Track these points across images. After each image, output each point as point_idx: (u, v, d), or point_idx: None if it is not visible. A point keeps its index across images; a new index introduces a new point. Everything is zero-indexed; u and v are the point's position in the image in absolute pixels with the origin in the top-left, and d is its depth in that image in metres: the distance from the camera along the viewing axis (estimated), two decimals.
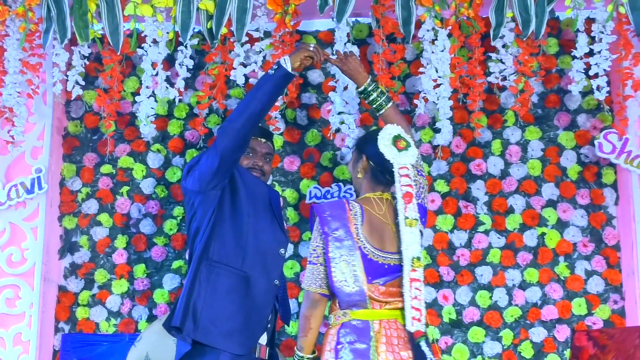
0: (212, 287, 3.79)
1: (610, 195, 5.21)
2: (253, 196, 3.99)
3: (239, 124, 3.82)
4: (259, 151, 4.17)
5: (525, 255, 5.18)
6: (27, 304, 5.09)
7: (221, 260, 3.84)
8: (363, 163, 3.83)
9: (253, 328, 3.81)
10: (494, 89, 5.02)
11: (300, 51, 3.98)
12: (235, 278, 3.82)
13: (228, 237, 3.87)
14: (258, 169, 4.14)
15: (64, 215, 5.40)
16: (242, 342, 3.76)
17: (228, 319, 3.76)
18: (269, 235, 3.96)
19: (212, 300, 3.77)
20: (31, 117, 5.23)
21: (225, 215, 3.89)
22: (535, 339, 5.09)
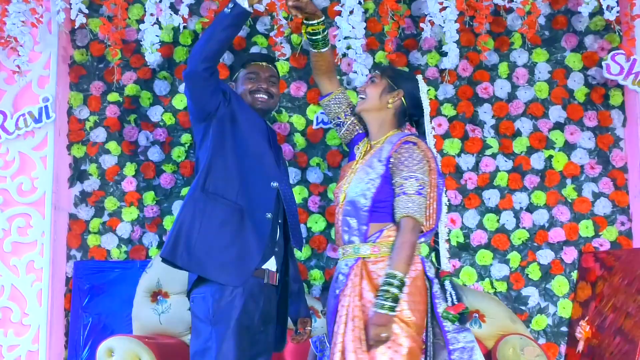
0: (207, 218, 3.78)
1: (617, 117, 5.21)
2: (252, 130, 3.97)
3: (191, 67, 3.81)
4: (262, 74, 4.14)
5: (533, 178, 5.19)
6: (38, 232, 5.15)
7: (217, 192, 3.82)
8: (398, 96, 3.77)
9: (246, 260, 3.81)
10: (501, 11, 4.97)
11: None
12: (229, 210, 3.81)
13: (225, 169, 3.85)
14: (263, 91, 4.12)
15: (73, 143, 5.42)
16: (236, 274, 3.75)
17: (222, 251, 3.75)
18: (264, 169, 3.96)
19: (207, 231, 3.76)
20: (37, 46, 5.21)
21: (225, 147, 3.88)
22: (543, 261, 5.13)
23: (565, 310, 5.08)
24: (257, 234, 3.82)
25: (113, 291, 5.20)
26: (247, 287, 3.77)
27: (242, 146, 3.90)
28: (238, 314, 3.71)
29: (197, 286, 3.82)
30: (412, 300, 3.45)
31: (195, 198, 3.82)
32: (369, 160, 3.70)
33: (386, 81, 3.80)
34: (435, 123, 5.23)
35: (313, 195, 5.24)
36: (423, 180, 3.54)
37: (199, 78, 3.81)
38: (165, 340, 4.82)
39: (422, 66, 5.32)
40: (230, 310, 3.71)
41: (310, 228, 5.20)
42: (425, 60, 5.31)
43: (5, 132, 5.18)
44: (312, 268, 5.21)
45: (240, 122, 3.91)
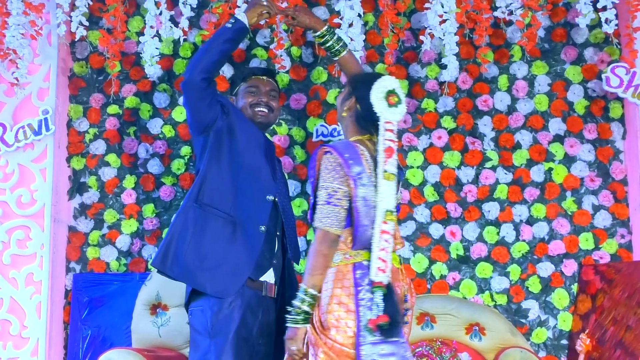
0: (199, 229, 3.82)
1: (617, 129, 5.20)
2: (250, 143, 4.00)
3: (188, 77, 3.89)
4: (262, 88, 4.17)
5: (533, 191, 5.19)
6: (37, 244, 5.14)
7: (212, 204, 3.86)
8: (351, 103, 3.70)
9: (237, 273, 3.82)
10: (501, 24, 4.99)
11: (256, 7, 4.05)
12: (221, 221, 3.84)
13: (220, 181, 3.89)
14: (264, 105, 4.15)
15: (72, 156, 5.41)
16: (225, 285, 3.78)
17: (212, 262, 3.79)
18: (258, 181, 3.97)
19: (198, 242, 3.80)
20: (36, 59, 5.23)
21: (221, 160, 3.92)
22: (543, 273, 5.12)
23: (566, 323, 5.07)
24: (249, 246, 3.85)
25: (112, 304, 5.18)
26: (244, 300, 3.80)
27: (238, 159, 3.93)
28: (236, 327, 3.74)
29: (195, 299, 3.85)
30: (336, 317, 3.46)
31: (187, 209, 3.87)
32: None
33: (347, 88, 3.78)
34: (435, 136, 5.24)
35: None
36: (332, 188, 3.53)
37: (196, 88, 3.87)
38: (164, 353, 4.80)
39: (422, 79, 5.31)
40: (229, 322, 3.74)
41: (310, 240, 5.19)
42: (425, 72, 5.31)
43: (4, 144, 5.18)
44: None
45: (237, 135, 3.95)
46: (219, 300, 3.75)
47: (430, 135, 5.26)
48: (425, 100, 5.29)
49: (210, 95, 3.91)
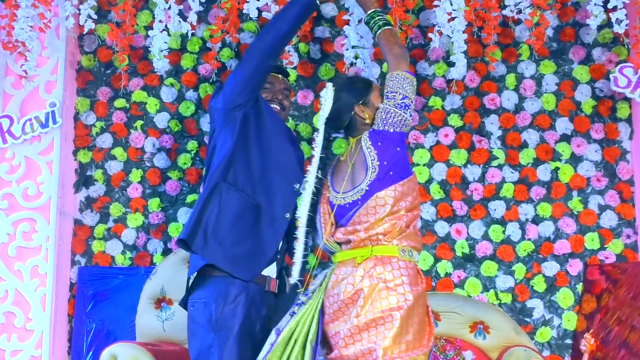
0: (225, 209, 3.81)
1: (624, 129, 5.21)
2: (277, 129, 4.01)
3: (261, 47, 3.90)
4: (277, 86, 4.18)
5: (539, 190, 5.18)
6: (43, 237, 5.15)
7: (237, 185, 3.85)
8: None
9: (258, 257, 3.84)
10: (509, 22, 4.98)
11: None
12: (246, 204, 3.84)
13: (247, 164, 3.89)
14: (277, 102, 4.16)
15: (79, 149, 5.42)
16: (246, 268, 3.79)
17: (234, 243, 3.78)
18: (286, 169, 3.98)
19: (223, 222, 3.79)
20: (44, 52, 5.23)
21: (249, 142, 3.91)
22: (548, 273, 5.12)
23: (570, 323, 5.07)
24: (273, 232, 3.87)
25: (117, 297, 5.20)
26: (249, 294, 3.79)
27: (267, 145, 3.94)
28: (241, 321, 3.74)
29: (197, 289, 3.84)
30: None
31: (219, 187, 3.84)
32: None
33: None
34: (442, 134, 5.25)
35: None
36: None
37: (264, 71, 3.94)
38: (168, 347, 4.81)
39: (430, 76, 5.32)
40: (233, 317, 3.73)
41: None
42: (433, 70, 5.31)
43: (11, 136, 5.19)
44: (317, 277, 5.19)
45: (266, 121, 3.96)
46: (224, 293, 3.75)
47: (437, 133, 5.27)
48: (433, 98, 5.29)
49: (256, 88, 3.95)
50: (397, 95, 3.78)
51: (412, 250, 3.71)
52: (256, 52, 3.89)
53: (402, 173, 3.74)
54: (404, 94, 3.78)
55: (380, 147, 3.76)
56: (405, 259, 3.67)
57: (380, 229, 3.68)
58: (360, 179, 3.75)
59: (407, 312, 3.56)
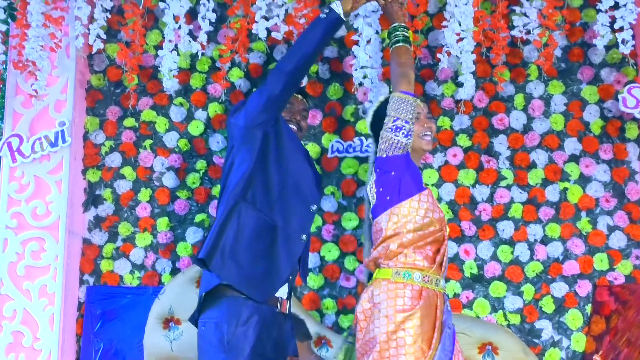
0: (243, 228, 3.79)
1: (633, 150, 5.20)
2: (295, 149, 4.01)
3: (289, 67, 3.87)
4: (296, 106, 4.18)
5: (547, 210, 5.17)
6: (52, 256, 5.14)
7: (255, 204, 3.84)
8: None
9: (273, 278, 3.82)
10: (518, 43, 4.96)
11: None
12: (263, 224, 3.82)
13: (266, 183, 3.87)
14: (295, 123, 4.15)
15: (88, 168, 5.43)
16: (261, 289, 3.77)
17: (251, 263, 3.76)
18: (304, 190, 3.97)
19: (240, 241, 3.77)
20: (54, 71, 5.25)
21: (269, 161, 3.89)
22: (557, 294, 5.10)
23: (579, 344, 5.04)
24: (288, 253, 3.86)
25: (125, 317, 5.19)
26: (261, 316, 3.77)
27: (286, 166, 3.92)
28: (253, 343, 3.71)
29: (208, 309, 3.81)
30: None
31: (238, 206, 3.82)
32: None
33: None
34: (450, 154, 5.24)
35: (327, 223, 5.24)
36: None
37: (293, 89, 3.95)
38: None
39: (438, 96, 5.32)
40: (245, 338, 3.70)
41: (324, 257, 5.19)
42: (442, 90, 5.32)
43: (21, 155, 5.20)
44: (325, 297, 5.19)
45: (284, 142, 3.94)
46: (236, 314, 3.72)
47: (446, 153, 5.26)
48: (441, 118, 5.29)
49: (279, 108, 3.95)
50: (390, 119, 3.84)
51: (409, 270, 3.72)
52: (282, 74, 3.87)
53: (401, 195, 3.78)
54: (396, 116, 3.82)
55: (378, 173, 3.85)
56: (398, 281, 3.70)
57: (375, 252, 3.78)
58: (368, 208, 3.88)
59: (387, 336, 3.60)
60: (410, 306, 3.66)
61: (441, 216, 3.83)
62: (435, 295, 3.74)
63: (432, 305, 3.70)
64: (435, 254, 3.79)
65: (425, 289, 3.72)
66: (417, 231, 3.75)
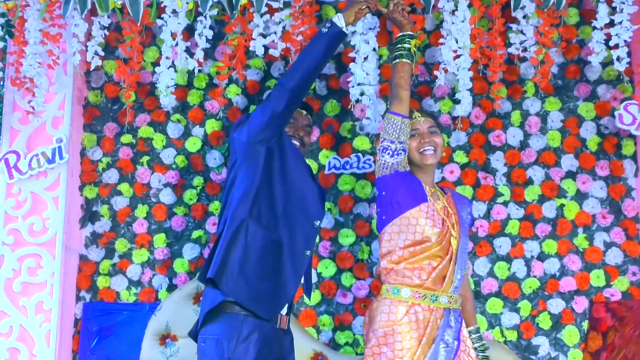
0: (250, 246, 3.80)
1: (629, 166, 5.20)
2: (299, 165, 4.02)
3: (291, 84, 3.88)
4: (300, 122, 4.20)
5: (544, 227, 5.18)
6: (48, 272, 5.14)
7: (260, 221, 3.85)
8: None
9: (280, 295, 3.84)
10: (514, 60, 5.00)
11: (354, 4, 3.99)
12: (269, 241, 3.83)
13: (271, 200, 3.88)
14: (298, 139, 4.17)
15: (85, 184, 5.44)
16: (268, 307, 3.80)
17: (259, 281, 3.78)
18: (309, 206, 4.00)
19: (249, 259, 3.78)
20: (52, 87, 5.25)
21: (273, 177, 3.91)
22: (554, 310, 5.10)
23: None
24: (294, 269, 3.88)
25: (122, 333, 5.19)
26: (262, 333, 3.79)
27: (290, 182, 3.94)
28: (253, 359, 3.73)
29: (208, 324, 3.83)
30: None
31: (245, 224, 3.83)
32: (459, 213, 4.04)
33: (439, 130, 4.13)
34: (447, 170, 5.25)
35: (324, 240, 5.24)
36: None
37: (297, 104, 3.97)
38: None
39: (435, 113, 5.32)
40: (245, 355, 3.73)
41: (321, 273, 5.19)
42: (439, 107, 5.33)
43: (18, 172, 5.20)
44: (322, 314, 5.18)
45: (288, 158, 3.96)
46: (237, 331, 3.74)
47: (443, 170, 5.26)
48: None
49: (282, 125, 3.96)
50: (379, 141, 3.96)
51: (398, 287, 3.83)
52: (285, 91, 3.88)
53: (393, 213, 3.89)
54: (383, 136, 3.93)
55: (378, 194, 3.98)
56: (387, 297, 3.84)
57: (376, 270, 4.03)
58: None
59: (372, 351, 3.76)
60: (393, 322, 3.76)
61: (442, 230, 3.87)
62: (429, 311, 3.80)
63: (421, 320, 3.79)
64: (433, 270, 3.82)
65: (416, 304, 3.80)
66: (408, 248, 3.84)
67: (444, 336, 3.77)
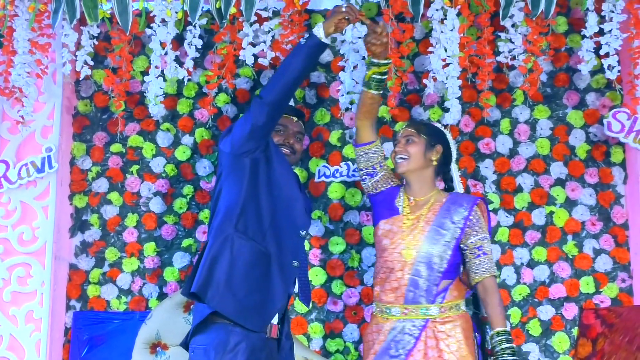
0: (235, 259, 3.79)
1: (618, 174, 5.23)
2: (285, 176, 4.01)
3: (270, 97, 3.86)
4: (291, 129, 4.19)
5: (534, 234, 5.20)
6: (38, 282, 5.14)
7: (247, 234, 3.84)
8: (439, 152, 4.12)
9: (268, 307, 3.83)
10: (503, 68, 5.00)
11: (334, 15, 3.91)
12: (257, 253, 3.83)
13: (257, 212, 3.88)
14: (288, 147, 4.16)
15: (75, 193, 5.44)
16: (257, 319, 3.79)
17: (247, 294, 3.77)
18: (295, 216, 3.99)
19: (235, 273, 3.77)
20: (41, 97, 5.26)
21: (259, 189, 3.90)
22: (543, 317, 5.13)
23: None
24: (283, 280, 3.87)
25: (112, 342, 5.19)
26: (250, 342, 3.78)
27: (276, 192, 3.93)
28: None
29: (197, 335, 3.83)
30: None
31: (230, 237, 3.82)
32: (437, 221, 3.98)
33: (424, 138, 4.08)
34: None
35: (314, 248, 5.26)
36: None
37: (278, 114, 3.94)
38: None
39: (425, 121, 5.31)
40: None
41: (311, 281, 5.19)
42: (428, 115, 5.34)
43: (7, 181, 5.20)
44: (312, 321, 5.19)
45: (275, 167, 3.95)
46: (224, 341, 3.73)
47: None
48: None
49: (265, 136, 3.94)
50: None
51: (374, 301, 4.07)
52: (264, 104, 3.86)
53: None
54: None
55: None
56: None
57: None
58: None
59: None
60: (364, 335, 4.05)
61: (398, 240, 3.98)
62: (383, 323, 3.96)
63: (377, 332, 3.95)
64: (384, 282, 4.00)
65: (378, 317, 4.00)
66: (377, 262, 4.07)
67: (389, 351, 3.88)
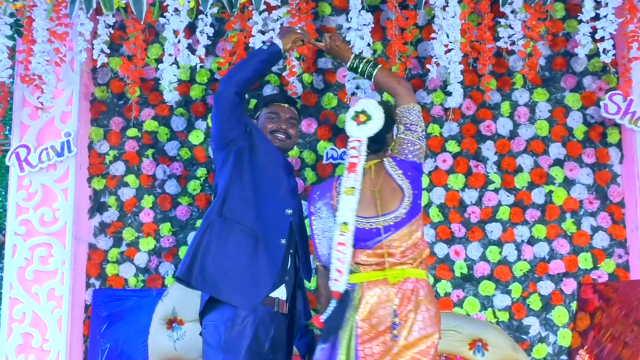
0: (223, 242, 3.90)
1: (615, 154, 5.32)
2: (271, 160, 4.11)
3: (228, 89, 4.01)
4: (283, 116, 4.28)
5: (534, 212, 5.30)
6: (59, 261, 5.24)
7: (234, 217, 3.95)
8: None
9: (258, 286, 3.91)
10: (503, 53, 5.06)
11: (289, 34, 4.23)
12: (245, 235, 3.93)
13: (242, 196, 3.99)
14: (282, 132, 4.25)
15: (93, 176, 5.55)
16: (246, 298, 3.87)
17: (236, 274, 3.87)
18: (278, 197, 4.08)
19: (222, 255, 3.88)
20: (60, 84, 5.35)
21: (243, 175, 4.01)
22: (543, 292, 5.22)
23: (565, 340, 5.17)
24: (270, 259, 3.94)
25: (130, 318, 5.29)
26: (257, 316, 3.88)
27: (260, 175, 4.03)
28: (249, 342, 3.82)
29: (209, 313, 3.93)
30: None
31: (212, 222, 3.95)
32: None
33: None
34: (440, 159, 5.37)
35: None
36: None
37: (228, 101, 4.00)
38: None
39: (428, 105, 5.43)
40: (241, 338, 3.82)
41: None
42: (431, 99, 5.43)
43: (28, 165, 5.29)
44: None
45: (259, 153, 4.06)
46: (232, 316, 3.83)
47: (436, 159, 5.38)
48: (431, 125, 5.39)
49: (239, 111, 4.04)
50: (419, 127, 4.06)
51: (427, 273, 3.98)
52: (217, 97, 4.05)
53: (421, 202, 4.03)
54: (423, 127, 4.08)
55: (411, 176, 4.01)
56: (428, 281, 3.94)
57: (414, 254, 3.90)
58: (393, 206, 3.95)
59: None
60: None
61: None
62: None
63: None
64: None
65: None
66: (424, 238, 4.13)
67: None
